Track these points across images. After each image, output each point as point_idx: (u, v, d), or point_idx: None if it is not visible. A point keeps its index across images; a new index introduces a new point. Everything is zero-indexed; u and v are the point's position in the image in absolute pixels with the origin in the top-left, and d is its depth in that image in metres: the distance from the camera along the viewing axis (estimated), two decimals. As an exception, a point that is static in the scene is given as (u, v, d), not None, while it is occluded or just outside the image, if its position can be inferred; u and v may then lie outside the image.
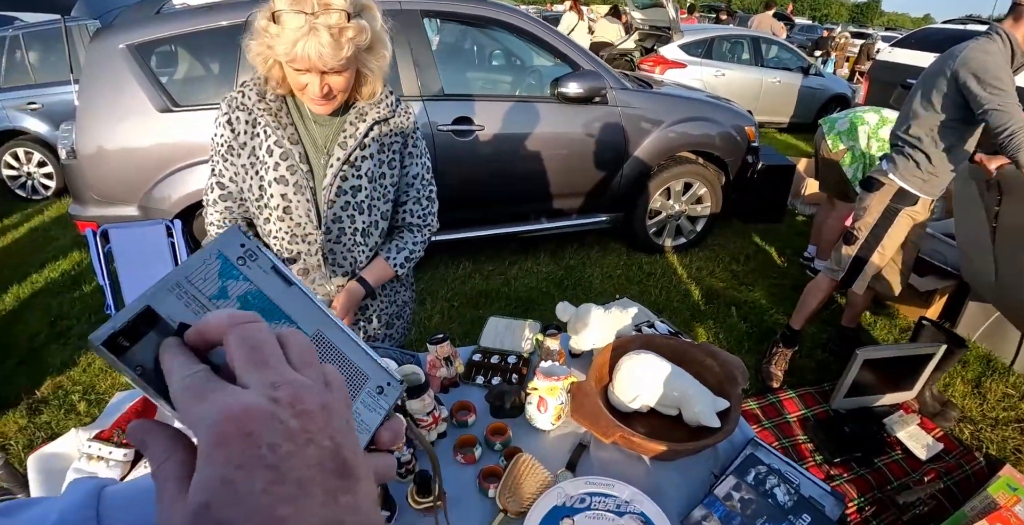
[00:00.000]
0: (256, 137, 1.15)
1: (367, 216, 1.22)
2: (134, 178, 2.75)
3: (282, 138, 1.12)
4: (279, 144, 1.13)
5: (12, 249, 4.27)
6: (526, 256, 3.74)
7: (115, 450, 0.99)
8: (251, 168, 1.17)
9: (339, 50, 0.98)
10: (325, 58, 0.98)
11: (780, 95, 7.70)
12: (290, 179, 1.15)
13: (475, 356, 1.34)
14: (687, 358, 1.26)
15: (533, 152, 3.18)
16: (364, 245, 1.24)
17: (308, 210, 1.17)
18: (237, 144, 1.16)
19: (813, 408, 2.44)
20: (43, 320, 3.20)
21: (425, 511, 0.95)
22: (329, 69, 1.01)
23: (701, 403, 1.13)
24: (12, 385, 2.66)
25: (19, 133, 5.24)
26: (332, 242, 1.22)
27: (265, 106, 1.12)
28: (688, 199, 3.70)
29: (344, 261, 1.25)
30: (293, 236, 1.20)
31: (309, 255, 1.23)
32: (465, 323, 3.02)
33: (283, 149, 1.13)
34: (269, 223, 1.21)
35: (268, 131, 1.13)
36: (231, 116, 1.14)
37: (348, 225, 1.20)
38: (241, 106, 1.13)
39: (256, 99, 1.12)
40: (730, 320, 3.02)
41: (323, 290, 1.26)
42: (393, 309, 1.42)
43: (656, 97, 3.52)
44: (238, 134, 1.15)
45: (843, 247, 2.44)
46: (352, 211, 1.19)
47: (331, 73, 1.03)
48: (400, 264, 1.29)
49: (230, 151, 1.17)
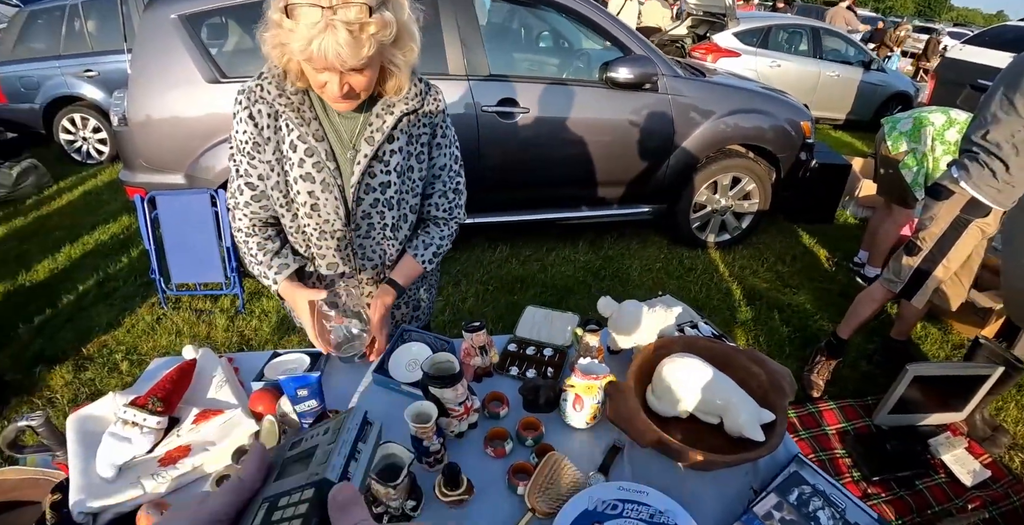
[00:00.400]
0: (279, 131, 1.08)
1: (396, 211, 1.17)
2: (181, 147, 2.80)
3: (306, 134, 1.06)
4: (303, 139, 1.07)
5: (66, 211, 4.44)
6: (564, 243, 3.69)
7: (149, 417, 0.99)
8: (277, 164, 1.11)
9: (359, 49, 0.89)
10: (344, 58, 0.89)
11: (838, 90, 7.32)
12: (316, 177, 1.09)
13: (510, 346, 1.31)
14: (731, 363, 1.20)
15: (577, 137, 3.10)
16: (394, 239, 1.22)
17: (336, 207, 1.13)
18: (262, 139, 1.09)
19: (854, 422, 2.33)
20: (92, 280, 3.32)
21: (452, 504, 0.92)
22: (349, 69, 0.93)
23: (746, 413, 1.07)
24: (60, 342, 2.77)
25: (76, 99, 5.42)
26: (361, 237, 1.19)
27: (286, 100, 1.05)
28: (735, 194, 3.57)
29: (373, 254, 1.23)
30: (321, 232, 1.18)
31: (338, 250, 1.20)
32: (499, 308, 3.00)
33: (307, 145, 1.07)
34: (297, 219, 1.17)
35: (291, 125, 1.07)
36: (252, 110, 1.07)
37: (377, 221, 1.17)
38: (261, 99, 1.05)
39: (276, 93, 1.04)
40: (772, 323, 2.91)
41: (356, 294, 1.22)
42: (413, 302, 1.41)
43: (709, 86, 3.37)
44: (262, 128, 1.08)
45: (904, 257, 2.31)
46: (381, 207, 1.15)
47: (351, 72, 0.94)
48: (428, 260, 1.27)
49: (256, 148, 1.10)
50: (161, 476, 0.95)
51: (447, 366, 1.00)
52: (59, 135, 5.53)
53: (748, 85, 3.71)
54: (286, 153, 1.09)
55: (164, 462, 0.99)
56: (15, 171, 4.65)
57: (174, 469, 0.96)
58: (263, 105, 1.06)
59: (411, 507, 0.90)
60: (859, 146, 6.67)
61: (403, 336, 1.25)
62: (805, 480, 1.06)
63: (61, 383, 2.48)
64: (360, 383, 1.20)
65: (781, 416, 1.11)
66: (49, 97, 5.39)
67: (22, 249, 3.78)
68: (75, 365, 2.60)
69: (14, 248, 3.79)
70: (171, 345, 2.73)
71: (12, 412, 2.32)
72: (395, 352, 1.20)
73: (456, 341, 1.26)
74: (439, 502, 0.93)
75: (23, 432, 1.10)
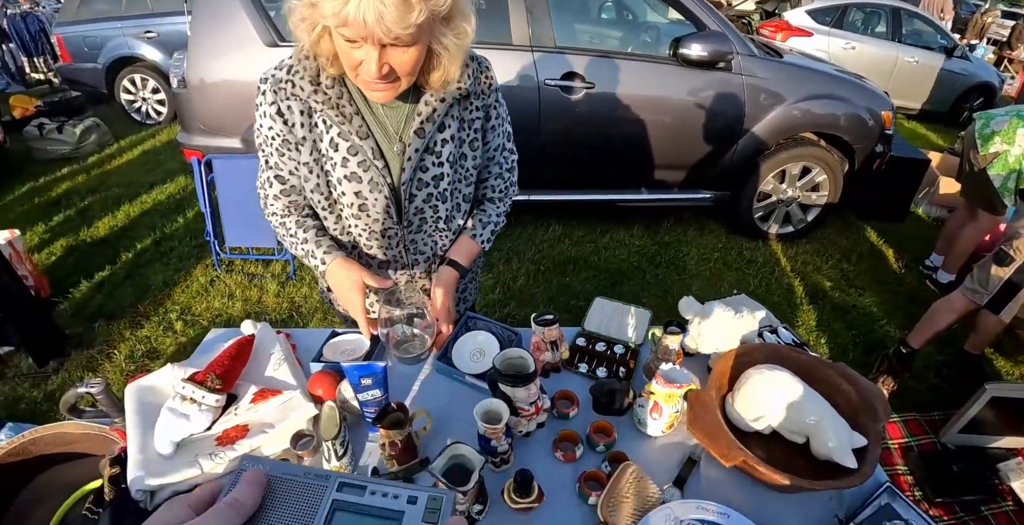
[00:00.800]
0: (314, 128, 0.95)
1: (449, 203, 1.07)
2: (239, 111, 2.78)
3: (348, 132, 0.93)
4: (344, 137, 0.94)
5: (125, 169, 4.55)
6: (618, 226, 3.58)
7: (208, 395, 0.96)
8: (315, 165, 0.99)
9: (408, 13, 0.73)
10: (387, 23, 0.73)
11: (915, 77, 6.79)
12: (363, 176, 0.97)
13: (579, 340, 1.23)
14: (817, 378, 1.09)
15: (642, 117, 2.94)
16: (447, 230, 1.13)
17: (386, 206, 1.02)
18: (294, 138, 0.96)
19: (919, 437, 2.18)
20: (149, 239, 3.40)
21: (521, 511, 0.86)
22: (392, 40, 0.76)
23: (837, 437, 0.97)
24: (119, 299, 2.85)
25: (136, 60, 5.51)
26: (413, 233, 1.09)
27: (323, 96, 0.91)
28: (804, 185, 3.35)
29: (426, 247, 1.13)
30: (371, 232, 1.07)
31: (389, 248, 1.10)
32: (551, 289, 2.93)
33: (350, 143, 0.95)
34: (341, 220, 1.07)
35: (328, 122, 0.94)
36: (280, 106, 0.93)
37: (430, 215, 1.07)
38: (293, 96, 0.92)
39: (311, 89, 0.91)
40: (835, 325, 2.74)
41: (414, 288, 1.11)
42: (460, 284, 1.30)
43: (784, 68, 3.14)
44: (293, 126, 0.95)
45: (993, 267, 2.12)
46: (435, 201, 1.05)
47: (394, 47, 0.79)
48: (487, 240, 1.18)
49: (286, 145, 0.97)
50: (219, 456, 0.92)
51: (521, 363, 0.93)
52: (120, 95, 5.65)
53: (826, 68, 3.44)
54: (326, 152, 0.96)
55: (222, 441, 0.96)
56: (78, 129, 4.79)
57: (231, 450, 0.93)
58: (294, 102, 0.92)
59: (477, 511, 0.84)
60: (934, 139, 6.21)
61: (468, 324, 1.18)
62: (898, 514, 0.96)
63: (118, 339, 2.55)
64: (422, 371, 1.14)
65: (874, 441, 1.01)
66: (111, 57, 5.50)
67: (84, 204, 3.90)
68: (132, 322, 2.67)
69: (76, 203, 3.91)
70: (224, 307, 2.77)
71: (72, 365, 2.40)
72: (459, 340, 1.14)
73: (524, 331, 1.19)
74: (505, 505, 0.88)
75: (82, 397, 1.09)
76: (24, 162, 4.67)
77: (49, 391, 2.26)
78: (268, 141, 0.98)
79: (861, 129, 3.25)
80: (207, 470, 0.91)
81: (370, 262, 1.12)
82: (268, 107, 0.94)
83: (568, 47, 2.85)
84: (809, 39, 6.39)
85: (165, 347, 2.51)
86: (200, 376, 0.99)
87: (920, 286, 3.17)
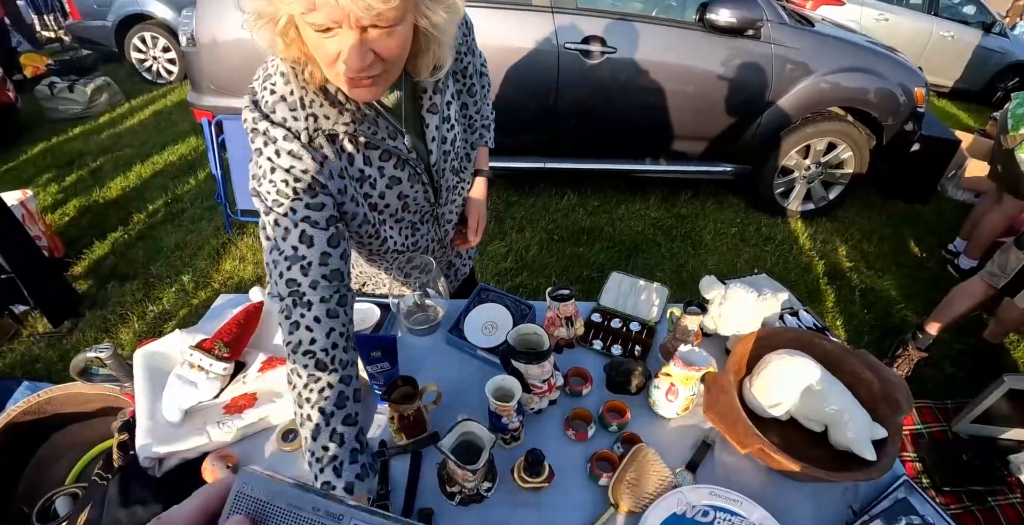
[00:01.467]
0: (342, 153, 0.82)
1: (460, 154, 1.02)
2: (249, 70, 2.69)
3: (380, 139, 0.82)
4: (373, 146, 0.84)
5: (136, 129, 4.51)
6: (635, 197, 3.50)
7: (215, 363, 0.95)
8: (357, 194, 0.86)
9: None
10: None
11: (950, 53, 6.46)
12: (402, 176, 0.89)
13: (594, 316, 1.20)
14: (840, 366, 1.05)
15: (663, 85, 2.84)
16: (463, 182, 1.10)
17: (425, 193, 0.95)
18: (324, 178, 0.80)
19: (930, 425, 2.16)
20: (161, 201, 3.38)
21: (531, 491, 0.85)
22: (373, 20, 0.63)
23: (857, 427, 0.93)
24: (131, 260, 2.85)
25: (146, 17, 5.39)
26: (443, 206, 1.03)
27: (350, 116, 0.78)
28: (828, 162, 3.24)
29: (451, 214, 1.10)
30: (414, 228, 1.01)
31: (427, 232, 1.05)
32: (564, 259, 2.90)
33: (381, 150, 0.84)
34: (378, 240, 0.97)
35: (354, 139, 0.82)
36: (303, 146, 0.77)
37: (453, 179, 1.02)
38: (317, 131, 0.78)
39: (335, 112, 0.77)
40: (852, 307, 2.69)
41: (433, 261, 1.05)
42: None
43: (816, 37, 2.99)
44: (321, 162, 0.79)
45: (1014, 251, 2.07)
46: (452, 162, 0.99)
47: (375, 28, 0.65)
48: (491, 138, 1.19)
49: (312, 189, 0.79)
50: (227, 425, 0.91)
51: (535, 339, 0.90)
52: (130, 54, 5.55)
53: (858, 39, 3.28)
54: (360, 174, 0.85)
55: (230, 409, 0.95)
56: (89, 88, 4.73)
57: (239, 418, 0.93)
58: (319, 136, 0.78)
59: (486, 488, 0.83)
60: (965, 119, 5.98)
61: (480, 296, 1.15)
62: (915, 509, 0.94)
63: (131, 301, 2.56)
64: (432, 343, 1.12)
65: (894, 433, 0.97)
66: (120, 15, 5.38)
67: (96, 164, 3.88)
68: (144, 284, 2.68)
69: (89, 163, 3.89)
70: (235, 270, 2.77)
71: (86, 325, 2.42)
72: (471, 313, 1.11)
73: (538, 305, 1.16)
74: (514, 484, 0.86)
75: (92, 361, 1.08)
76: (36, 122, 4.64)
77: (64, 351, 2.28)
78: (289, 190, 0.77)
79: (891, 105, 3.12)
80: (215, 439, 0.90)
81: (412, 254, 1.05)
82: (287, 144, 0.76)
83: (590, 9, 2.72)
84: (841, 8, 6.10)
85: (177, 309, 2.52)
86: (208, 344, 0.98)
87: (941, 271, 3.09)
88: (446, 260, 1.21)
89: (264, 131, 0.76)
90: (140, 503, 0.81)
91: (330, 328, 0.78)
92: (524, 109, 2.83)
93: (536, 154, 3.09)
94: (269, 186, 0.78)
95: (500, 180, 3.52)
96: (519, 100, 2.78)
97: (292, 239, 0.78)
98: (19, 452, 1.51)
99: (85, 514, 0.85)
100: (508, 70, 2.70)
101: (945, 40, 6.38)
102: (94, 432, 1.43)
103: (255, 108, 0.77)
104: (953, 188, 3.98)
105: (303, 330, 0.77)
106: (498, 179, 3.47)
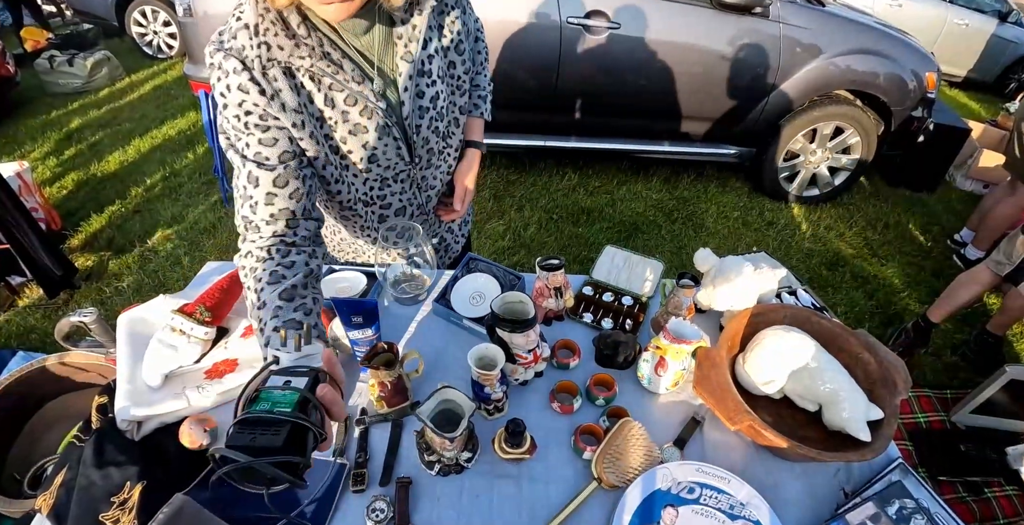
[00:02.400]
0: (301, 90, 0.80)
1: (447, 119, 0.97)
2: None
3: (344, 81, 0.79)
4: (338, 88, 0.81)
5: (136, 104, 4.47)
6: (636, 178, 3.46)
7: (196, 327, 0.93)
8: (317, 132, 0.84)
9: None
10: None
11: (963, 41, 6.31)
12: (368, 125, 0.85)
13: (585, 289, 1.17)
14: (837, 345, 1.02)
15: (669, 62, 2.77)
16: (450, 148, 1.03)
17: (398, 148, 0.91)
18: (275, 110, 0.78)
19: (928, 414, 2.14)
20: (159, 175, 3.36)
21: (512, 462, 0.83)
22: None
23: (852, 407, 0.91)
24: (128, 233, 2.84)
25: (147, -11, 5.30)
26: (423, 169, 1.00)
27: (306, 49, 0.76)
28: (834, 147, 3.18)
29: (436, 181, 1.05)
30: (383, 182, 0.97)
31: (403, 192, 1.01)
32: (563, 239, 2.87)
33: (346, 93, 0.81)
34: (350, 181, 0.94)
35: (315, 77, 0.79)
36: (254, 74, 0.75)
37: (435, 142, 0.97)
38: (270, 61, 0.75)
39: (290, 45, 0.75)
40: (853, 294, 2.66)
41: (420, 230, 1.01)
42: None
43: (825, 17, 2.91)
44: (275, 96, 0.77)
45: (1020, 238, 2.03)
46: (435, 123, 0.94)
47: None
48: (487, 110, 1.14)
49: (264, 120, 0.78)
50: (206, 389, 0.89)
51: (520, 308, 0.87)
52: (131, 28, 5.48)
53: (869, 21, 3.19)
54: (319, 114, 0.82)
55: (210, 375, 0.93)
56: (89, 62, 4.68)
57: (219, 383, 0.91)
58: (274, 68, 0.76)
59: (466, 459, 0.81)
60: (976, 109, 5.87)
61: (468, 265, 1.12)
62: (908, 493, 0.91)
63: (127, 273, 2.55)
64: (419, 313, 1.10)
65: (890, 415, 0.95)
66: (120, -13, 5.30)
67: (95, 139, 3.85)
68: (141, 256, 2.67)
69: (87, 137, 3.86)
70: (230, 245, 2.75)
71: (81, 297, 2.42)
72: (459, 282, 1.08)
73: (527, 276, 1.13)
74: (495, 455, 0.84)
75: (76, 327, 1.07)
76: (36, 95, 4.61)
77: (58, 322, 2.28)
78: (241, 125, 0.78)
79: (901, 90, 3.05)
80: (194, 403, 0.89)
81: (384, 213, 1.03)
82: (233, 79, 0.75)
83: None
84: (855, -7, 5.96)
85: (172, 282, 2.51)
86: (190, 308, 0.96)
87: (945, 261, 3.05)
88: (436, 234, 1.18)
89: (218, 65, 0.76)
90: (114, 465, 0.80)
91: (276, 265, 0.77)
92: (524, 85, 2.77)
93: (536, 132, 3.04)
94: (224, 122, 0.80)
95: (500, 158, 3.47)
96: (519, 75, 2.73)
97: (243, 177, 0.80)
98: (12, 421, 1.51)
99: (61, 476, 0.84)
100: (508, 43, 2.64)
101: (959, 28, 6.23)
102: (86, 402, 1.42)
103: (215, 40, 0.77)
104: (962, 178, 3.92)
105: (251, 258, 0.79)
106: (497, 157, 3.46)
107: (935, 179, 3.74)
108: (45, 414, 1.57)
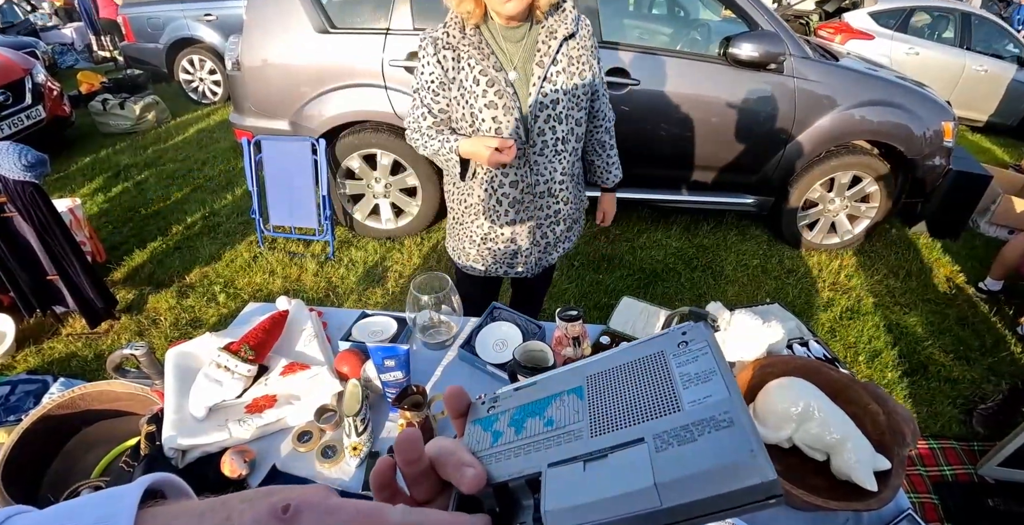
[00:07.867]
0: (462, 71, 1.26)
1: (564, 125, 1.33)
2: (288, 94, 2.86)
3: (487, 67, 1.23)
4: (484, 73, 1.24)
5: (179, 146, 4.75)
6: (656, 226, 3.52)
7: (240, 364, 1.01)
8: (461, 99, 1.29)
9: None
10: None
11: (983, 87, 6.37)
12: (499, 103, 1.26)
13: (602, 338, 1.23)
14: (846, 396, 1.06)
15: (686, 116, 2.89)
16: (565, 152, 1.37)
17: (517, 127, 1.29)
18: (447, 79, 1.28)
19: (955, 467, 2.09)
20: (199, 214, 3.54)
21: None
22: None
23: (859, 456, 0.94)
24: (168, 268, 2.98)
25: (195, 42, 5.73)
26: (536, 154, 1.34)
27: (468, 41, 1.23)
28: (853, 196, 3.23)
29: (545, 171, 1.38)
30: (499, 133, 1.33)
31: (519, 167, 1.36)
32: (583, 285, 2.92)
33: (488, 77, 1.24)
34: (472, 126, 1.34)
35: (472, 63, 1.24)
36: (439, 56, 1.25)
37: (550, 136, 1.32)
38: (447, 45, 1.24)
39: (459, 36, 1.24)
40: (876, 343, 2.64)
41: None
42: (576, 214, 1.64)
43: (839, 72, 3.01)
44: (447, 70, 1.27)
45: None
46: (553, 122, 1.31)
47: None
48: (615, 175, 1.70)
49: (441, 87, 1.30)
50: (247, 423, 0.96)
51: (540, 356, 0.94)
52: (179, 75, 5.88)
53: (884, 74, 3.29)
54: (470, 88, 1.26)
55: (251, 409, 1.01)
56: (139, 106, 5.02)
57: (259, 418, 0.98)
58: (448, 50, 1.25)
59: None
60: (999, 154, 5.86)
61: (492, 314, 1.20)
62: (918, 542, 0.93)
63: (166, 306, 2.68)
64: (446, 358, 1.17)
65: (897, 466, 0.97)
66: (172, 38, 5.73)
67: (141, 177, 4.09)
68: (178, 291, 2.80)
69: (134, 176, 4.11)
70: (265, 283, 2.87)
71: (121, 328, 2.54)
72: (483, 330, 1.15)
73: (547, 324, 1.20)
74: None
75: (127, 359, 1.16)
76: (88, 135, 4.93)
77: (99, 351, 2.39)
78: (426, 85, 1.31)
79: (918, 140, 3.10)
80: (235, 434, 0.96)
81: (502, 179, 1.37)
82: (430, 57, 1.26)
83: (615, 42, 2.82)
84: (870, 42, 6.11)
85: (208, 317, 2.62)
86: (235, 346, 1.04)
87: (970, 308, 3.02)
88: (539, 225, 1.51)
89: (423, 47, 1.28)
90: (162, 493, 0.87)
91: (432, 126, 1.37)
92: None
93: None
94: (415, 82, 1.34)
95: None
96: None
97: (416, 114, 1.37)
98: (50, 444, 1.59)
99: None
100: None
101: (978, 74, 6.31)
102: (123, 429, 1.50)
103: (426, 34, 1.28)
104: (986, 224, 3.91)
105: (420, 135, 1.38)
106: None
107: (957, 226, 3.73)
108: (82, 439, 1.65)
